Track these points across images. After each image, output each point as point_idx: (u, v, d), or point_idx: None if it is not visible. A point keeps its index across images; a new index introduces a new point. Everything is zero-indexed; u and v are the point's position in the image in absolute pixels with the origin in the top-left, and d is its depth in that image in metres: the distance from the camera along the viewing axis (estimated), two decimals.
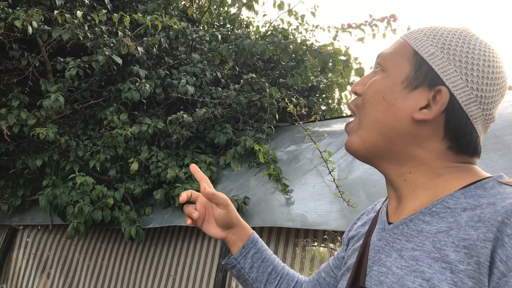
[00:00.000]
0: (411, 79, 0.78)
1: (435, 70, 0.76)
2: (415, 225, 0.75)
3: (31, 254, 3.93)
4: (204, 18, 4.90)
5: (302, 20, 4.92)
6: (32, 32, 3.27)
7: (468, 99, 0.74)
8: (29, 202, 3.88)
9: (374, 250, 0.81)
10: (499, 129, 2.62)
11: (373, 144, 0.80)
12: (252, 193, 3.21)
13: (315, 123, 3.76)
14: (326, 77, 4.53)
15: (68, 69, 3.41)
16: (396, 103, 0.78)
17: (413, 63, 0.78)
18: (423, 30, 0.81)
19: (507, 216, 0.61)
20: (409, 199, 0.80)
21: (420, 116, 0.76)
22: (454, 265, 0.64)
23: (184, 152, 3.78)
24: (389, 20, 4.11)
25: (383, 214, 0.86)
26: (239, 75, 4.37)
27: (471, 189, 0.72)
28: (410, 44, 0.81)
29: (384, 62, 0.83)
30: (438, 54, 0.76)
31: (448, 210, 0.71)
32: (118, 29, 3.61)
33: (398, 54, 0.81)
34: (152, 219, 3.43)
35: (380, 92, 0.80)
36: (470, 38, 0.77)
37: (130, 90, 3.50)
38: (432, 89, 0.76)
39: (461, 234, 0.66)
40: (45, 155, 3.51)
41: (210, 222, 1.10)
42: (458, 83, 0.74)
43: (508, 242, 0.59)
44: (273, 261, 1.13)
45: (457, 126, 0.75)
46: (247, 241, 1.11)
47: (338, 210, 2.75)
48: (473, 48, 0.76)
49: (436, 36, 0.78)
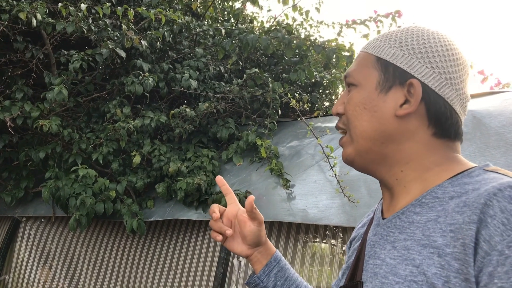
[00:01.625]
0: (382, 82, 0.83)
1: (401, 67, 0.81)
2: (407, 217, 0.78)
3: (33, 246, 3.96)
4: (208, 13, 4.89)
5: (306, 15, 4.90)
6: (36, 25, 3.28)
7: (440, 83, 0.80)
8: (32, 194, 3.90)
9: (370, 245, 0.84)
10: (502, 126, 2.62)
11: (367, 151, 0.84)
12: (253, 188, 3.21)
13: (318, 118, 3.76)
14: (330, 73, 4.53)
15: (72, 62, 3.41)
16: (377, 109, 0.82)
17: (380, 68, 0.84)
18: (378, 38, 0.87)
19: (489, 198, 0.64)
20: (402, 194, 0.83)
21: (402, 111, 0.80)
22: (441, 249, 0.67)
23: (187, 146, 3.78)
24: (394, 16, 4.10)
25: (378, 212, 0.90)
26: (242, 70, 4.37)
27: (458, 178, 0.75)
28: (371, 53, 0.86)
29: (353, 79, 0.87)
30: (399, 52, 0.82)
31: (436, 200, 0.74)
32: (122, 22, 3.61)
33: (364, 66, 0.87)
34: (154, 212, 3.45)
35: (360, 104, 0.84)
36: (422, 31, 0.83)
37: (133, 83, 3.50)
38: (404, 85, 0.81)
39: (448, 220, 0.69)
40: (48, 148, 3.52)
41: (235, 239, 1.07)
42: (425, 72, 0.80)
43: (491, 222, 0.62)
44: (296, 280, 1.12)
45: (438, 111, 0.80)
46: (270, 259, 1.09)
47: (339, 205, 2.76)
48: (427, 38, 0.82)
49: (392, 39, 0.84)
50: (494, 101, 2.95)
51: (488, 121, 2.70)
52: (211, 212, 1.03)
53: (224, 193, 1.11)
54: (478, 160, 2.51)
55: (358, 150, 0.85)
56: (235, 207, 1.08)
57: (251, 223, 1.05)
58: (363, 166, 0.87)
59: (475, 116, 2.77)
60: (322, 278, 2.82)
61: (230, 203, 1.09)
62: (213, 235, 1.04)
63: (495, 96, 3.09)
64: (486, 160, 2.50)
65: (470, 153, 2.58)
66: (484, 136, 2.64)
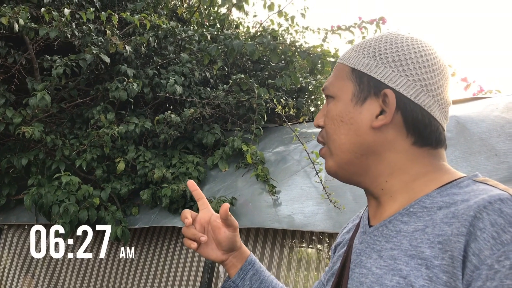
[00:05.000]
0: (357, 94, 0.82)
1: (375, 77, 0.80)
2: (394, 226, 0.77)
3: (15, 254, 3.89)
4: (194, 18, 4.88)
5: (292, 21, 4.91)
6: (18, 30, 3.24)
7: (415, 91, 0.78)
8: (14, 201, 3.84)
9: (355, 253, 0.83)
10: (485, 132, 2.64)
11: (348, 163, 0.83)
12: (239, 194, 3.20)
13: (303, 124, 3.76)
14: (315, 79, 4.54)
15: (55, 67, 3.38)
16: (353, 121, 0.81)
17: (354, 79, 0.83)
18: (354, 48, 0.86)
19: (479, 210, 0.63)
20: (388, 203, 0.82)
21: (378, 123, 0.79)
22: (429, 261, 0.66)
23: (172, 152, 3.76)
24: (378, 23, 4.13)
25: (364, 219, 0.88)
26: (228, 76, 4.36)
27: (446, 188, 0.74)
28: (346, 64, 0.85)
29: (330, 91, 0.87)
30: (372, 62, 0.81)
31: (424, 210, 0.73)
32: (106, 27, 3.58)
33: (339, 78, 0.86)
34: (138, 219, 3.41)
35: (337, 116, 0.84)
36: (396, 39, 0.82)
37: (118, 89, 3.47)
38: (379, 95, 0.79)
39: (436, 231, 0.68)
40: (31, 154, 3.48)
41: (209, 245, 1.05)
42: (399, 80, 0.78)
43: (481, 236, 0.61)
44: (272, 282, 1.11)
45: (415, 119, 0.78)
46: (244, 263, 1.08)
47: (325, 211, 2.76)
48: (401, 46, 0.80)
49: (366, 48, 0.83)
50: (478, 107, 2.98)
51: (471, 127, 2.73)
52: (183, 218, 1.00)
53: (196, 198, 1.08)
54: (462, 165, 2.53)
55: (339, 163, 0.84)
56: (208, 212, 1.06)
57: (226, 229, 1.03)
58: (347, 178, 0.86)
59: (458, 122, 2.79)
60: (308, 283, 2.82)
61: (202, 208, 1.07)
62: (187, 242, 1.01)
63: (478, 102, 3.12)
64: (470, 166, 2.52)
65: (454, 158, 2.60)
66: (467, 141, 2.66)
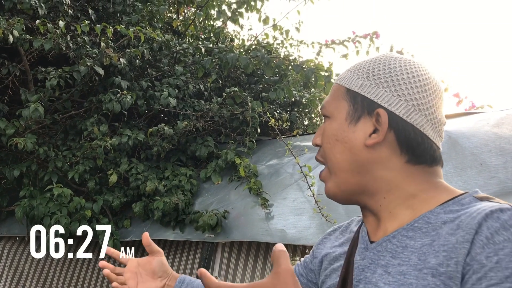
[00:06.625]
0: (352, 113, 0.85)
1: (368, 97, 0.83)
2: (399, 241, 0.79)
3: (5, 266, 3.86)
4: (189, 31, 4.90)
5: (286, 35, 4.95)
6: (13, 41, 3.24)
7: (407, 110, 0.81)
8: (5, 213, 3.81)
9: (358, 269, 0.84)
10: (476, 147, 2.65)
11: (346, 183, 0.86)
12: (232, 207, 3.19)
13: (297, 137, 3.77)
14: (309, 92, 4.56)
15: (49, 79, 3.38)
16: (348, 140, 0.84)
17: (349, 99, 0.86)
18: (350, 69, 0.90)
19: (482, 219, 0.67)
20: (388, 219, 0.84)
21: (371, 141, 0.82)
22: (435, 269, 0.69)
23: (165, 164, 3.75)
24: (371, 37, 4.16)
25: (364, 234, 0.89)
26: (222, 88, 4.37)
27: (449, 204, 0.77)
28: (342, 85, 0.89)
29: (327, 110, 0.90)
30: (366, 83, 0.84)
31: (429, 225, 0.76)
32: (100, 40, 3.59)
33: (335, 98, 0.89)
34: (130, 232, 3.39)
35: (333, 136, 0.87)
36: (389, 60, 0.85)
37: (111, 101, 3.47)
38: (372, 114, 0.82)
39: (441, 242, 0.71)
40: (23, 165, 3.46)
41: (145, 282, 1.17)
42: (392, 100, 0.81)
43: (477, 238, 0.65)
44: None
45: (407, 137, 0.81)
46: (176, 283, 1.20)
47: (317, 225, 2.75)
48: (393, 67, 0.83)
49: (361, 69, 0.87)
50: (469, 122, 2.99)
51: (463, 142, 2.74)
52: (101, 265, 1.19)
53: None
54: (454, 180, 2.54)
55: (338, 183, 0.86)
56: (134, 261, 1.21)
57: (153, 258, 1.19)
58: (346, 199, 0.88)
59: (450, 137, 2.81)
60: None
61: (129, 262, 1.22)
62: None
63: (470, 117, 3.14)
64: (462, 180, 2.53)
65: (446, 173, 2.61)
66: (459, 156, 2.67)
